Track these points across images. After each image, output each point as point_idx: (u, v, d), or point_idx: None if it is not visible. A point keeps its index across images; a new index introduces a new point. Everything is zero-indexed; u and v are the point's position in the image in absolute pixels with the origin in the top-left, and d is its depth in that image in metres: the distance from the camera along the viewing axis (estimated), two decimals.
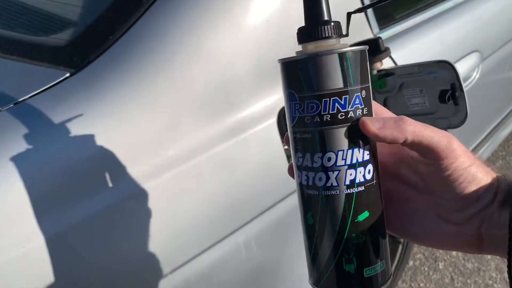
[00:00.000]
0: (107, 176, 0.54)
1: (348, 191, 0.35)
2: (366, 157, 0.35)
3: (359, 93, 0.35)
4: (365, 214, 0.35)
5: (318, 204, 0.36)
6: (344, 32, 0.37)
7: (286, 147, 0.77)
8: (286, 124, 0.75)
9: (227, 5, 0.64)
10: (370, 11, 0.84)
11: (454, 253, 1.77)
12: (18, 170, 0.49)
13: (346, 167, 0.35)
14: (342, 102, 0.34)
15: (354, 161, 0.35)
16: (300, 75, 0.35)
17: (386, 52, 0.69)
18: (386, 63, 0.74)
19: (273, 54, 0.68)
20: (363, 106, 0.35)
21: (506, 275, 1.70)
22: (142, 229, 0.56)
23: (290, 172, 0.39)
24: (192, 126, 0.60)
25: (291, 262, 0.83)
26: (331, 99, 0.34)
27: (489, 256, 1.74)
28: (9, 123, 0.52)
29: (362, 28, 0.83)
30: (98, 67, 0.58)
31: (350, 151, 0.35)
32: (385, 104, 0.76)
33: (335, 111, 0.34)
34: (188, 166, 0.59)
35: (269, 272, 0.79)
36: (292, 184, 0.73)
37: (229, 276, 0.71)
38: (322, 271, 0.36)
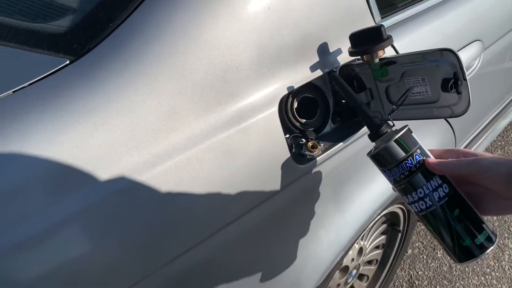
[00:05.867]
0: (107, 164, 0.54)
1: (440, 203, 0.57)
2: (439, 181, 0.57)
3: (416, 152, 0.58)
4: (457, 211, 0.56)
5: (431, 218, 0.58)
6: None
7: (287, 135, 0.77)
8: (286, 113, 0.75)
9: None
10: None
11: None
12: (17, 158, 0.49)
13: (431, 192, 0.57)
14: (409, 162, 0.58)
15: (434, 186, 0.57)
16: (381, 159, 0.60)
17: (388, 40, 0.69)
18: (387, 52, 0.73)
19: (274, 42, 0.67)
20: (421, 158, 0.58)
21: (503, 263, 1.72)
22: (140, 218, 0.56)
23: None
24: (192, 115, 0.60)
25: (291, 251, 0.83)
26: (404, 163, 0.58)
27: None
28: (9, 110, 0.52)
29: (365, 16, 0.83)
30: (98, 55, 0.57)
31: (429, 183, 0.57)
32: (386, 92, 0.75)
33: (406, 170, 0.58)
34: (188, 155, 0.59)
35: (269, 260, 0.79)
36: (293, 174, 0.73)
37: (229, 264, 0.71)
38: (456, 253, 0.57)
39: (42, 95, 0.53)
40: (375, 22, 0.85)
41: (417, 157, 0.57)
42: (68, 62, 0.57)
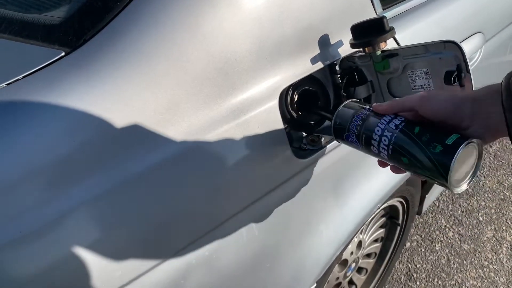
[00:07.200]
0: (104, 159, 0.53)
1: (399, 128, 0.56)
2: (392, 115, 0.58)
3: (364, 107, 0.62)
4: (417, 128, 0.55)
5: (399, 148, 0.56)
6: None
7: (287, 129, 0.76)
8: (286, 106, 0.74)
9: None
10: None
11: (450, 234, 1.79)
12: (11, 153, 0.48)
13: (386, 124, 0.57)
14: (359, 114, 0.61)
15: (388, 120, 0.58)
16: (338, 127, 0.64)
17: (390, 32, 0.67)
18: (389, 44, 0.72)
19: (275, 34, 0.66)
20: (370, 108, 0.61)
21: (501, 256, 1.72)
22: (141, 213, 0.56)
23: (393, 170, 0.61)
24: (191, 108, 0.59)
25: (291, 245, 0.83)
26: (356, 116, 0.62)
27: (485, 238, 1.76)
28: (2, 103, 0.51)
29: (366, 8, 0.81)
30: (94, 46, 0.56)
31: (382, 119, 0.58)
32: (388, 85, 0.74)
33: (360, 120, 0.61)
34: (186, 149, 0.58)
35: (269, 255, 0.79)
36: (294, 168, 0.72)
37: (230, 259, 0.71)
38: (438, 168, 0.52)
39: (36, 88, 0.52)
40: (376, 13, 0.84)
41: (366, 110, 0.61)
42: (63, 54, 0.55)
